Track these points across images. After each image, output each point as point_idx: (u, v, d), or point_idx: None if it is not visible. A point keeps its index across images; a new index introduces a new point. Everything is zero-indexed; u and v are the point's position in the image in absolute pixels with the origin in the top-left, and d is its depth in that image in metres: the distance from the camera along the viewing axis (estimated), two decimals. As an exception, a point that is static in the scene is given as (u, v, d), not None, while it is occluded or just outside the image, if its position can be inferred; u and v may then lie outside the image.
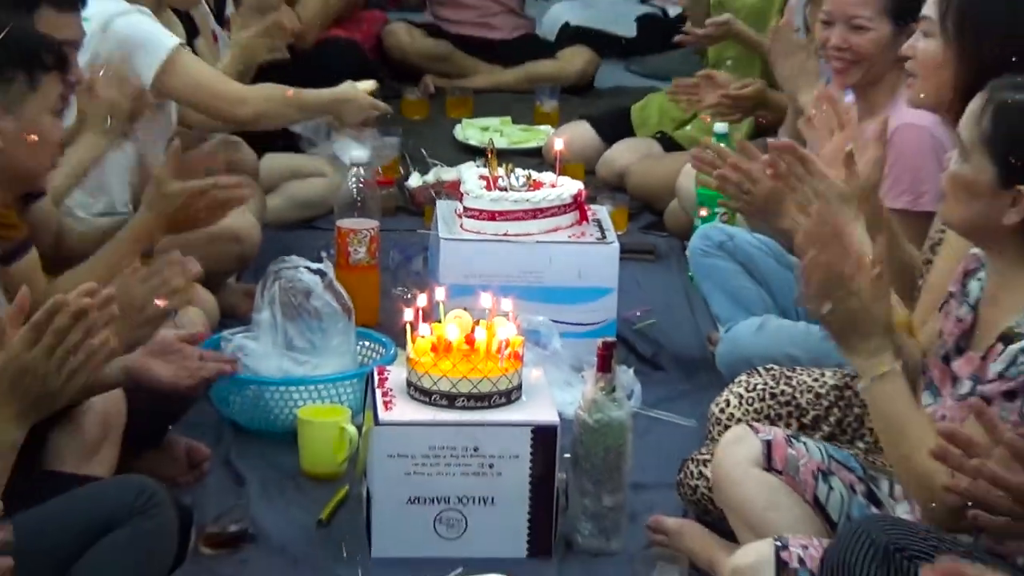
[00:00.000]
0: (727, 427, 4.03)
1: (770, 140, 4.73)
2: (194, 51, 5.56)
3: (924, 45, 3.82)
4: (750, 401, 4.05)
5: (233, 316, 4.75)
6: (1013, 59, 3.54)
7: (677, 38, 6.71)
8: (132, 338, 3.39)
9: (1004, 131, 3.12)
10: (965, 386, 3.21)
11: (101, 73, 4.22)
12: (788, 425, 3.91)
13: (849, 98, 4.52)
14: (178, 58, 5.02)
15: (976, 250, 3.35)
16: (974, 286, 3.31)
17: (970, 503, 2.77)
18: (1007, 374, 3.10)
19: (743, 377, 4.22)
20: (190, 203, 3.82)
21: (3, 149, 3.54)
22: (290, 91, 4.88)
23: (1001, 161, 3.17)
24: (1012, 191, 3.14)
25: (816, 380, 4.00)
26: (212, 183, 3.90)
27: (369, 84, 5.58)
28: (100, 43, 4.47)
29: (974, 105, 3.29)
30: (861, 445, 3.51)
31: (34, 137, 3.51)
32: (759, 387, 4.10)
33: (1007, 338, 3.12)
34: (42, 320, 2.80)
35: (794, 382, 4.05)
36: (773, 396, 4.09)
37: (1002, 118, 3.11)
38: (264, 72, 5.52)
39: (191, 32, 5.68)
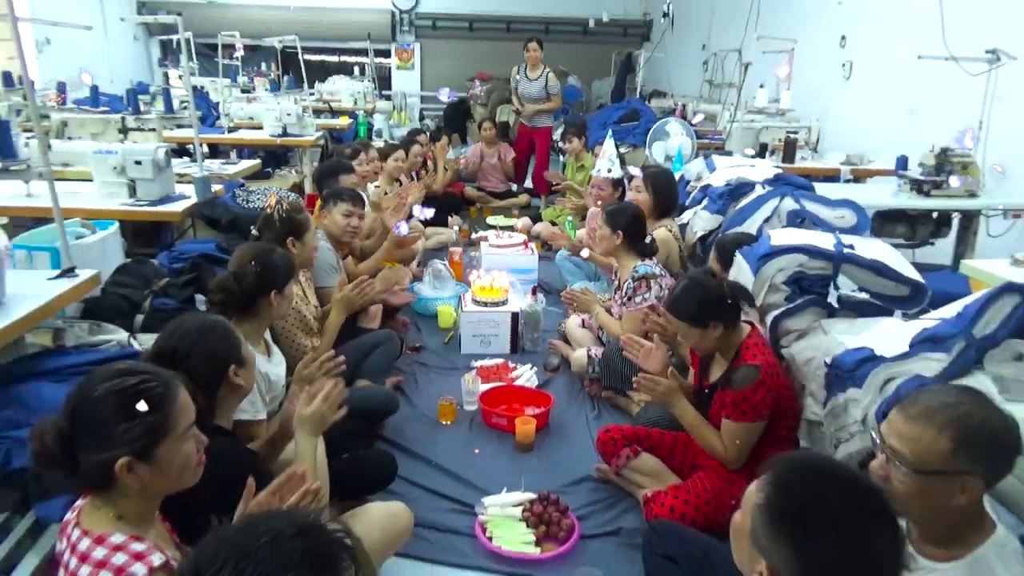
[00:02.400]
0: (574, 313, 3.94)
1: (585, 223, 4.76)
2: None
3: (641, 196, 3.80)
4: None
5: (415, 279, 4.61)
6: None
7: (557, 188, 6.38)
8: (385, 291, 3.42)
9: (609, 212, 3.40)
10: (618, 302, 3.37)
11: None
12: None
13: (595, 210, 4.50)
14: None
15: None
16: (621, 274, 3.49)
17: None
18: (627, 292, 3.30)
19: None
20: (402, 241, 3.78)
21: (327, 226, 3.47)
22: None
23: (610, 224, 3.39)
24: (616, 234, 3.33)
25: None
26: (404, 237, 3.90)
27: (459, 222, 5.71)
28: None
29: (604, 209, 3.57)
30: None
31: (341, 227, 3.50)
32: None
33: (627, 281, 3.31)
34: (355, 283, 3.00)
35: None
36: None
37: (609, 211, 3.40)
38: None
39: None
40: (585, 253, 3.97)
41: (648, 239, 3.44)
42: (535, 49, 6.66)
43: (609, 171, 4.51)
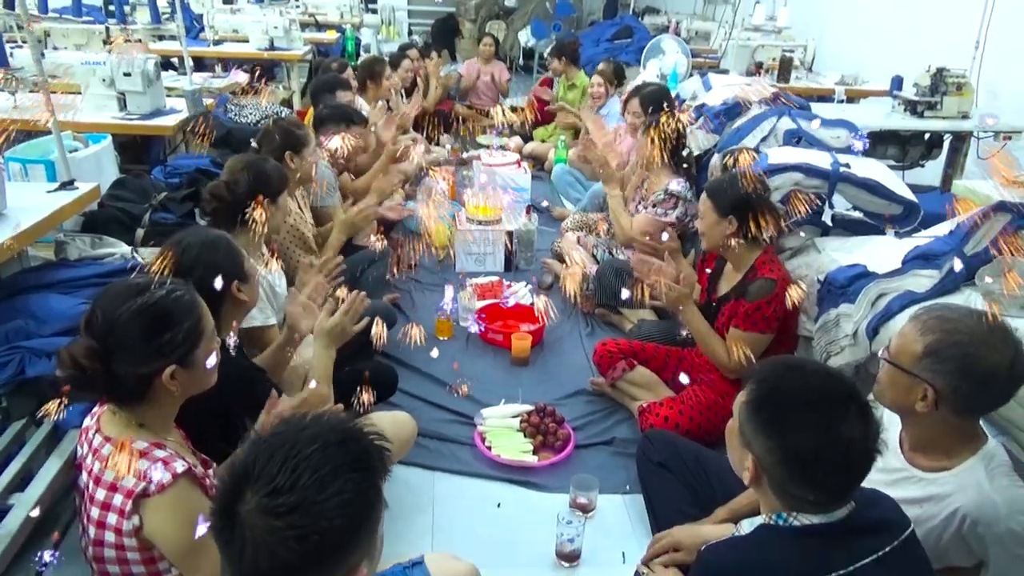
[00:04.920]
0: (569, 231, 3.93)
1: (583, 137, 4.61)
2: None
3: (639, 121, 3.69)
4: (576, 218, 3.97)
5: (409, 198, 4.55)
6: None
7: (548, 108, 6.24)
8: (380, 202, 3.24)
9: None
10: (638, 201, 3.32)
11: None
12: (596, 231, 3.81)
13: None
14: None
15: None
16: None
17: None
18: (654, 201, 3.18)
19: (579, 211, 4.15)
20: (395, 152, 3.69)
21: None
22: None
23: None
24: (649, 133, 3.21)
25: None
26: (402, 144, 3.75)
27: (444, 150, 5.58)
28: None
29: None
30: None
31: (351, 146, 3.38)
32: (582, 212, 4.10)
33: (658, 192, 3.19)
34: (360, 209, 2.94)
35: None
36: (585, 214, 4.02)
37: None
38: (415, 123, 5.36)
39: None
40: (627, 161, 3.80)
41: (686, 152, 3.33)
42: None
43: None
